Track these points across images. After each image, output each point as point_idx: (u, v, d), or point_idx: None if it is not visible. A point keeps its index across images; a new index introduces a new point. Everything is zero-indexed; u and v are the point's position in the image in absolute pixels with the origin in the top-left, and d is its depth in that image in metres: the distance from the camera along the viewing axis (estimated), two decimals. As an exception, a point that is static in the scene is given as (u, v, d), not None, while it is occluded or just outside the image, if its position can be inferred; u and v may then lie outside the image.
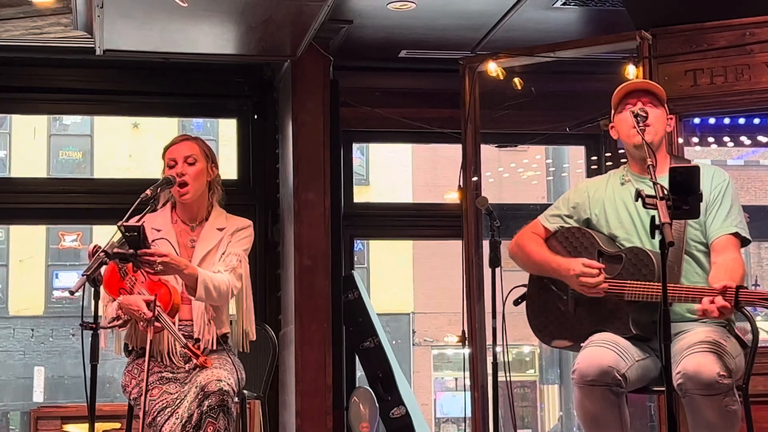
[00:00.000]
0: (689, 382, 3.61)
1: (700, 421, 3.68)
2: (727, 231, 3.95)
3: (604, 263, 3.99)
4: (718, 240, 3.95)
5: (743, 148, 11.08)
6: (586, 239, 4.12)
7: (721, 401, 3.61)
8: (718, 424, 3.66)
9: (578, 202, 4.21)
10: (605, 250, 4.04)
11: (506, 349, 4.94)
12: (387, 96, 7.57)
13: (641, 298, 3.86)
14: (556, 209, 4.27)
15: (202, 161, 4.37)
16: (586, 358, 3.79)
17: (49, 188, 8.04)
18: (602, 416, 3.78)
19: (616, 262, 3.99)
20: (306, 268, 6.70)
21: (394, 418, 7.48)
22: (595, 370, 3.73)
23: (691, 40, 5.81)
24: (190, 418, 3.97)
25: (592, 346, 3.84)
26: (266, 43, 6.44)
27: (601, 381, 3.72)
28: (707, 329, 3.85)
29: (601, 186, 4.22)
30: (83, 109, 9.39)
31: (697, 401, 3.64)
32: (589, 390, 3.75)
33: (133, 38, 6.28)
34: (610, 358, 3.75)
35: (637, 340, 3.91)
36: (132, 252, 3.82)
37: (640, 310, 3.90)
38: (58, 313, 20.65)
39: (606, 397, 3.74)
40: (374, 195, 20.05)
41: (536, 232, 4.26)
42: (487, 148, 7.04)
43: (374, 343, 7.56)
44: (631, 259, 3.95)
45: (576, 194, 4.25)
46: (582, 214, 4.19)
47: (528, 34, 6.73)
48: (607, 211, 4.12)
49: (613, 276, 3.96)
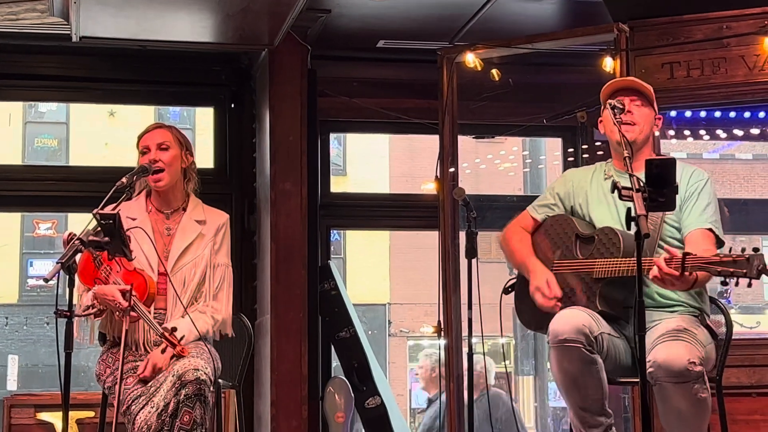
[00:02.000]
0: (659, 371, 3.63)
1: (670, 409, 3.70)
2: (702, 226, 3.97)
3: (581, 245, 4.07)
4: (693, 233, 3.97)
5: (719, 142, 11.11)
6: (567, 224, 4.19)
7: (691, 389, 3.63)
8: (689, 412, 3.68)
9: (563, 191, 4.28)
10: (582, 233, 4.12)
11: (483, 340, 4.97)
12: (364, 86, 7.56)
13: (609, 274, 3.89)
14: (543, 199, 4.35)
15: (175, 148, 4.38)
16: (560, 319, 3.84)
17: (24, 176, 7.98)
18: (580, 377, 3.78)
19: (589, 242, 4.07)
20: (282, 258, 6.69)
21: (369, 408, 7.49)
22: (570, 327, 3.76)
23: (668, 33, 5.83)
24: (166, 406, 3.96)
25: (567, 309, 3.90)
26: (244, 32, 6.42)
27: (576, 340, 3.74)
28: (678, 318, 3.88)
29: (586, 177, 4.27)
30: (59, 96, 9.34)
31: (667, 389, 3.65)
32: (565, 349, 3.77)
33: (109, 25, 6.24)
34: (584, 319, 3.80)
35: (610, 320, 3.93)
36: (107, 240, 3.80)
37: (608, 287, 3.95)
38: (33, 302, 20.56)
39: (583, 356, 3.76)
40: (351, 185, 20.04)
41: (524, 225, 4.34)
42: (464, 139, 7.05)
43: (350, 334, 7.56)
44: (602, 238, 4.02)
45: (561, 184, 4.31)
46: (566, 203, 4.27)
47: (506, 25, 6.73)
48: (589, 203, 4.18)
49: (586, 256, 4.03)
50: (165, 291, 4.28)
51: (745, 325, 15.44)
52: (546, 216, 4.28)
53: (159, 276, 4.28)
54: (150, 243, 4.24)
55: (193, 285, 4.32)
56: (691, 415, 3.69)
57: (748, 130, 7.25)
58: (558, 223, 4.22)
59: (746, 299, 21.50)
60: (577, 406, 3.84)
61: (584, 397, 3.81)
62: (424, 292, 17.34)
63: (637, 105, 4.09)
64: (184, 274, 4.32)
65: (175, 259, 4.32)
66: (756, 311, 21.14)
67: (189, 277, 4.32)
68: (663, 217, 3.99)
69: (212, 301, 4.35)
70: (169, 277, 4.26)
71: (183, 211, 4.44)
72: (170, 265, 4.30)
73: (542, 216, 4.29)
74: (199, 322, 4.25)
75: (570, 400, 3.86)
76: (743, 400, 5.40)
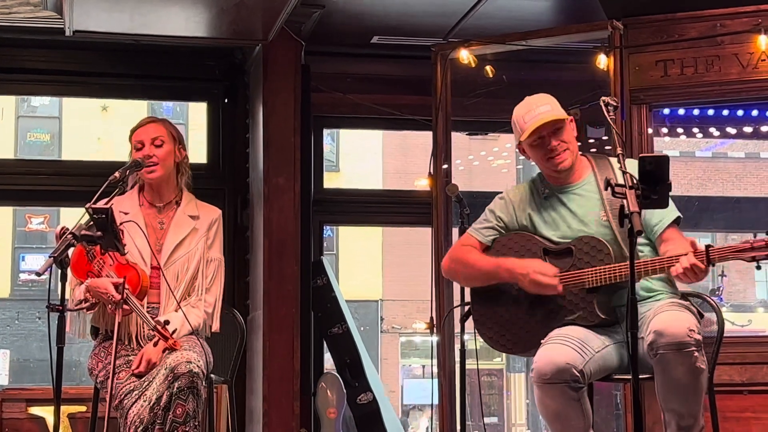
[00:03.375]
0: (660, 338, 3.62)
1: (669, 381, 3.68)
2: (669, 220, 3.95)
3: (553, 260, 3.97)
4: (665, 233, 3.95)
5: (712, 140, 11.13)
6: (528, 241, 4.05)
7: (691, 356, 3.62)
8: (687, 383, 3.66)
9: (506, 215, 4.15)
10: (551, 247, 4.02)
11: (475, 336, 4.95)
12: (358, 82, 7.56)
13: (603, 282, 3.87)
14: (486, 222, 4.19)
15: (169, 143, 4.38)
16: (543, 357, 3.79)
17: (16, 170, 7.96)
18: (563, 412, 3.79)
19: (566, 255, 3.97)
20: (275, 254, 6.69)
21: (361, 404, 7.50)
22: (552, 368, 3.73)
23: (662, 30, 5.84)
24: (159, 399, 3.96)
25: (550, 344, 3.83)
26: (238, 27, 6.42)
27: (559, 379, 3.72)
28: (668, 300, 3.89)
29: (524, 197, 4.16)
30: (52, 91, 9.32)
31: (667, 358, 3.64)
32: (548, 388, 3.76)
33: (103, 19, 6.23)
34: (567, 356, 3.75)
35: (603, 326, 3.92)
36: (99, 234, 3.80)
37: (604, 295, 3.91)
38: (25, 296, 20.53)
39: (565, 393, 3.75)
40: (344, 181, 20.05)
41: (472, 246, 4.18)
42: (457, 135, 7.04)
43: (342, 330, 7.57)
44: (581, 248, 3.93)
45: (501, 208, 4.17)
46: (511, 224, 4.16)
47: (500, 22, 6.72)
48: (535, 222, 4.10)
49: (566, 269, 3.93)
50: (158, 285, 4.28)
51: (737, 323, 15.46)
52: (493, 239, 4.16)
53: (152, 270, 4.28)
54: (143, 237, 4.24)
55: (186, 279, 4.32)
56: (690, 388, 3.68)
57: (741, 128, 7.27)
58: (516, 241, 4.09)
59: (738, 297, 21.56)
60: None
61: (567, 427, 3.83)
62: (416, 289, 17.33)
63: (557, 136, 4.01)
64: (177, 269, 4.32)
65: (168, 254, 4.32)
66: (747, 309, 21.19)
67: (182, 272, 4.32)
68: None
69: (205, 295, 4.35)
70: (162, 271, 4.26)
71: (176, 205, 4.44)
72: (163, 260, 4.30)
73: (489, 239, 4.16)
74: (191, 316, 4.25)
75: (553, 430, 3.89)
76: (734, 397, 5.42)
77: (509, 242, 4.10)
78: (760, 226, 11.77)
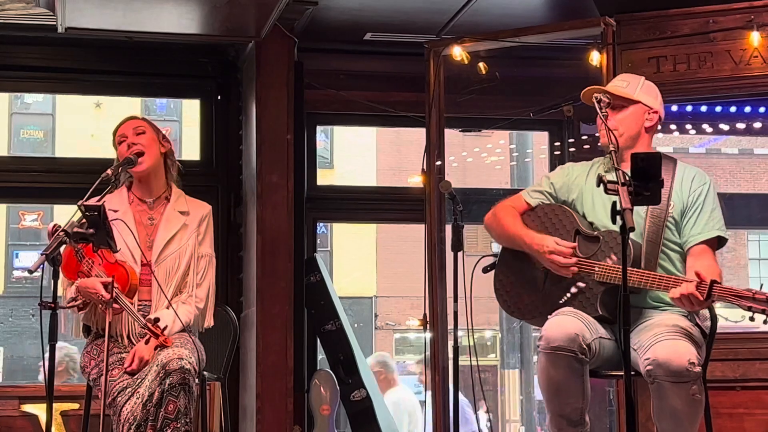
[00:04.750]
0: (659, 369, 3.64)
1: (666, 408, 3.70)
2: (707, 237, 3.98)
3: (581, 242, 4.04)
4: (695, 247, 3.98)
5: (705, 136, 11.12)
6: (566, 218, 4.14)
7: (689, 389, 3.65)
8: (684, 412, 3.69)
9: (560, 184, 4.24)
10: (583, 230, 4.08)
11: (471, 333, 4.96)
12: (351, 79, 7.55)
13: (611, 280, 3.89)
14: (539, 186, 4.31)
15: (150, 132, 4.41)
16: (554, 325, 3.82)
17: (10, 167, 7.94)
18: (565, 384, 3.80)
19: (593, 242, 4.03)
20: (268, 251, 6.68)
21: (354, 401, 7.49)
22: (562, 335, 3.76)
23: (654, 27, 5.84)
24: (151, 396, 3.96)
25: (560, 315, 3.87)
26: (230, 24, 6.41)
27: (567, 347, 3.75)
28: (673, 316, 3.89)
29: (583, 173, 4.24)
30: (45, 88, 9.29)
31: (665, 388, 3.66)
32: (555, 357, 3.77)
33: (95, 16, 6.22)
34: (577, 327, 3.79)
35: (601, 321, 3.94)
36: (92, 231, 3.80)
37: (609, 292, 3.93)
38: (18, 293, 20.48)
39: (571, 364, 3.77)
40: (338, 178, 20.01)
41: (515, 206, 4.28)
42: (451, 132, 7.04)
43: (336, 326, 7.56)
44: (608, 241, 3.98)
45: (559, 176, 4.28)
46: (561, 195, 4.23)
47: (493, 18, 6.72)
48: (584, 199, 4.15)
49: (588, 256, 4.00)
50: (149, 282, 4.28)
51: (731, 319, 15.48)
52: (540, 203, 4.25)
53: (142, 267, 4.28)
54: (131, 235, 4.24)
55: (177, 276, 4.33)
56: (686, 415, 3.70)
57: (734, 124, 7.27)
58: (555, 213, 4.17)
59: (732, 293, 21.55)
60: (556, 412, 3.87)
61: (565, 404, 3.84)
62: (410, 285, 17.32)
63: (615, 111, 4.07)
64: (168, 265, 4.33)
65: (159, 250, 4.32)
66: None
67: (173, 268, 4.33)
68: (665, 223, 3.99)
69: (196, 290, 4.35)
70: (152, 269, 4.26)
71: (166, 200, 4.44)
72: (154, 256, 4.31)
73: (536, 202, 4.25)
74: (182, 313, 4.25)
75: (550, 405, 3.89)
76: (728, 393, 5.42)
77: (549, 212, 4.20)
78: (753, 223, 11.80)
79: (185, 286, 4.36)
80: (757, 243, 21.74)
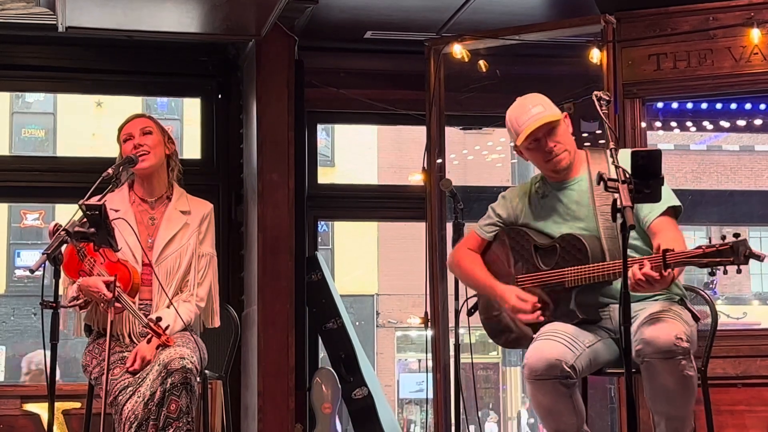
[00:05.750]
0: (647, 347, 3.64)
1: (657, 386, 3.70)
2: (660, 210, 3.91)
3: (541, 256, 4.04)
4: (655, 223, 3.93)
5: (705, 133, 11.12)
6: (522, 237, 4.14)
7: (678, 365, 3.63)
8: (676, 390, 3.68)
9: (506, 214, 4.24)
10: (540, 244, 4.07)
11: (470, 331, 4.97)
12: (352, 77, 7.55)
13: (581, 282, 3.89)
14: (488, 218, 4.29)
15: (157, 133, 4.40)
16: (534, 353, 3.82)
17: (11, 166, 7.97)
18: (555, 407, 3.82)
19: (552, 252, 4.02)
20: (269, 249, 6.69)
21: (356, 399, 7.50)
22: (543, 364, 3.76)
23: (655, 24, 5.84)
24: (152, 395, 3.96)
25: (541, 340, 3.87)
26: (231, 22, 6.41)
27: (550, 375, 3.75)
28: (665, 303, 3.89)
29: (522, 195, 4.23)
30: (46, 87, 9.31)
31: (654, 366, 3.66)
32: (540, 384, 3.79)
33: (96, 15, 6.22)
34: (558, 351, 3.77)
35: (585, 323, 3.93)
36: (93, 230, 3.80)
37: (582, 293, 3.93)
38: (20, 293, 20.50)
39: (556, 389, 3.77)
40: (339, 176, 20.02)
41: (471, 247, 4.29)
42: (451, 130, 7.05)
43: (337, 325, 7.57)
44: (564, 246, 3.97)
45: (502, 207, 4.26)
46: (509, 222, 4.23)
47: (493, 16, 6.72)
48: (533, 218, 4.15)
49: (551, 267, 3.99)
50: (150, 282, 4.28)
51: (732, 316, 15.47)
52: (494, 233, 4.24)
53: (143, 267, 4.28)
54: (133, 234, 4.24)
55: (178, 275, 4.33)
56: (679, 394, 3.70)
57: (735, 121, 7.28)
58: (511, 237, 4.17)
59: (732, 290, 21.59)
60: (552, 429, 3.90)
61: (559, 422, 3.86)
62: (412, 283, 17.33)
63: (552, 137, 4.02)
64: (169, 265, 4.32)
65: (160, 250, 4.32)
66: (742, 302, 21.22)
67: (174, 267, 4.32)
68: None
69: (197, 289, 4.35)
70: (154, 268, 4.26)
71: (167, 200, 4.44)
72: (155, 256, 4.30)
73: (490, 235, 4.25)
74: (183, 312, 4.24)
75: (546, 424, 3.93)
76: (729, 390, 5.42)
77: (507, 238, 4.19)
78: (753, 220, 11.79)
79: (186, 285, 4.35)
80: (758, 240, 21.75)
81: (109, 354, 4.05)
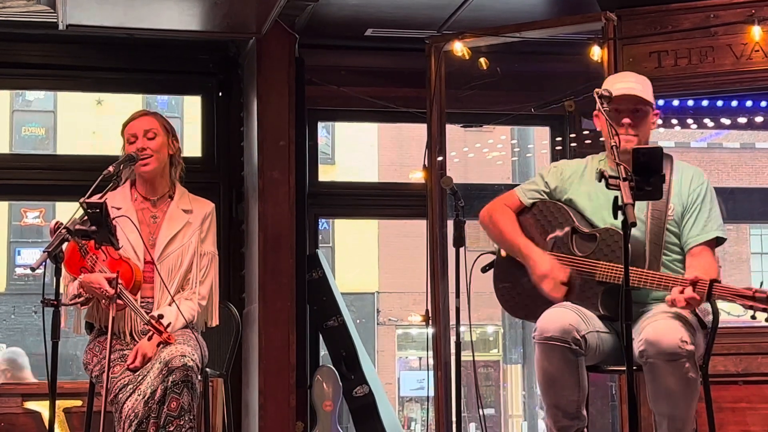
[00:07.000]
0: (651, 348, 3.64)
1: (659, 388, 3.70)
2: (706, 238, 3.97)
3: (577, 241, 4.02)
4: (695, 249, 3.97)
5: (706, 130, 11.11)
6: (562, 215, 4.11)
7: (682, 367, 3.64)
8: (678, 392, 3.68)
9: (554, 184, 4.19)
10: (579, 228, 4.05)
11: (471, 329, 4.95)
12: (353, 75, 7.55)
13: (613, 280, 3.88)
14: (533, 184, 4.25)
15: (162, 135, 4.38)
16: (548, 316, 3.83)
17: (11, 164, 7.95)
18: (559, 376, 3.80)
19: (590, 240, 4.01)
20: (270, 247, 6.69)
21: (357, 397, 7.50)
22: (555, 326, 3.76)
23: (656, 21, 5.84)
24: (153, 393, 3.96)
25: (556, 307, 3.88)
26: (231, 20, 6.41)
27: (561, 338, 3.74)
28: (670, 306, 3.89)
29: (577, 172, 4.20)
30: (46, 85, 9.31)
31: (658, 367, 3.66)
32: (549, 348, 3.77)
33: (96, 13, 6.22)
34: (572, 318, 3.79)
35: (602, 319, 3.93)
36: (94, 228, 3.79)
37: (609, 293, 3.92)
38: (21, 291, 20.50)
39: (564, 355, 3.76)
40: (340, 174, 20.03)
41: (509, 205, 4.23)
42: (452, 128, 7.04)
43: (338, 322, 7.57)
44: (605, 239, 3.96)
45: (553, 176, 4.22)
46: (557, 195, 4.19)
47: (494, 13, 6.72)
48: (581, 196, 4.12)
49: (586, 255, 3.98)
50: (152, 279, 4.28)
51: (733, 314, 15.49)
52: (533, 201, 4.21)
53: (145, 264, 4.28)
54: (135, 232, 4.24)
55: (179, 273, 4.33)
56: (681, 396, 3.70)
57: (736, 119, 7.27)
58: (551, 211, 4.14)
59: (734, 288, 21.53)
60: (551, 403, 3.87)
61: (560, 396, 3.83)
62: (412, 281, 17.35)
63: (638, 116, 4.05)
64: (171, 263, 4.32)
65: (162, 248, 4.32)
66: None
67: (176, 266, 4.33)
68: (665, 225, 3.98)
69: (198, 287, 4.35)
70: (156, 266, 4.26)
71: (169, 198, 4.44)
72: (157, 254, 4.30)
73: (530, 201, 4.21)
74: (185, 310, 4.24)
75: (545, 396, 3.88)
76: (730, 388, 5.42)
77: (545, 209, 4.16)
78: (754, 217, 11.80)
79: (187, 283, 4.36)
80: (759, 237, 21.75)
81: (110, 352, 4.05)
